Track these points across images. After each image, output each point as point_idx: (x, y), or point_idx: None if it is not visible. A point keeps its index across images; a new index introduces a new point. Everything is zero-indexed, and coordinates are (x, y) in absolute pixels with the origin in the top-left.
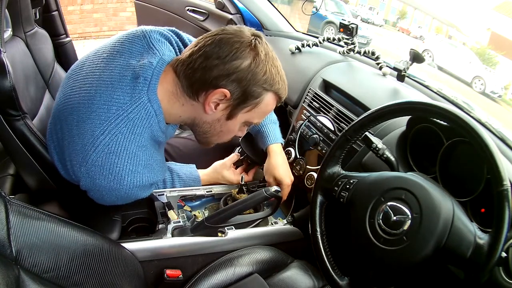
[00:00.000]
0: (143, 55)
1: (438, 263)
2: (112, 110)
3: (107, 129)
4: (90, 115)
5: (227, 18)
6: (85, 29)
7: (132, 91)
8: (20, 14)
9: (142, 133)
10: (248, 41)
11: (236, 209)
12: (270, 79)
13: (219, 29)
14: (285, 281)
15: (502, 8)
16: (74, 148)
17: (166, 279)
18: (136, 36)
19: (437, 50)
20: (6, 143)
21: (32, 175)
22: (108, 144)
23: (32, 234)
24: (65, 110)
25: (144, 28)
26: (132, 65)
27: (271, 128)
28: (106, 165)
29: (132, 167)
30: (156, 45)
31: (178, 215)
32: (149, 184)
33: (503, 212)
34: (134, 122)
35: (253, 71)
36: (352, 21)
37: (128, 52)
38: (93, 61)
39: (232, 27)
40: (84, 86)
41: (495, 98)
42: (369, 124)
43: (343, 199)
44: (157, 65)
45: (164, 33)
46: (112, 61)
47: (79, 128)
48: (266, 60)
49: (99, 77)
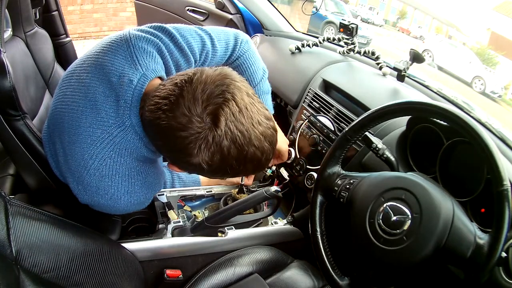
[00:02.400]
0: (125, 69)
1: (438, 263)
2: (97, 134)
3: (94, 153)
4: (78, 138)
5: (227, 18)
6: (85, 29)
7: (116, 114)
8: (20, 14)
9: (131, 155)
10: (198, 134)
11: (236, 209)
12: (229, 172)
13: (171, 98)
14: (285, 281)
15: (502, 8)
16: (69, 167)
17: (166, 279)
18: (119, 45)
19: (437, 50)
20: (6, 143)
21: (32, 175)
22: (99, 168)
23: (32, 234)
24: (57, 126)
25: (129, 34)
26: (113, 83)
27: (264, 99)
28: (101, 187)
29: (127, 188)
30: (139, 57)
31: (178, 215)
32: (148, 199)
33: (503, 212)
34: (120, 146)
35: (203, 170)
36: (352, 21)
37: (110, 65)
38: (80, 74)
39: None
40: (72, 104)
41: (495, 98)
42: (369, 124)
43: (343, 199)
44: (138, 83)
45: (151, 40)
46: (96, 77)
47: (70, 150)
48: (224, 153)
49: (85, 97)
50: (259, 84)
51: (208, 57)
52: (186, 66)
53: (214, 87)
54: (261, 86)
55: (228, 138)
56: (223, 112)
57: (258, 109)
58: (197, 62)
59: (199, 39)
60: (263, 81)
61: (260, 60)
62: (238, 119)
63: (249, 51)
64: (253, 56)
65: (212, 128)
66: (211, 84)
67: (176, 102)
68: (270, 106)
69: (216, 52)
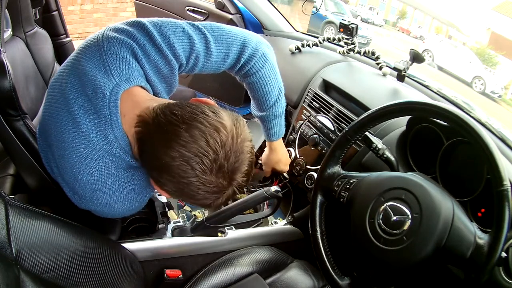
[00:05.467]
0: (97, 80)
1: (438, 263)
2: (80, 149)
3: (81, 168)
4: (65, 152)
5: (227, 18)
6: (85, 29)
7: (97, 128)
8: (20, 14)
9: (119, 167)
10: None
11: (236, 209)
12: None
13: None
14: (285, 281)
15: (502, 8)
16: (62, 179)
17: (166, 279)
18: (92, 51)
19: (437, 50)
20: (6, 143)
21: (32, 175)
22: (88, 182)
23: (32, 234)
24: (47, 137)
25: (103, 37)
26: (90, 96)
27: (275, 124)
28: (94, 198)
29: (120, 197)
30: (111, 65)
31: (178, 215)
32: (143, 204)
33: (503, 212)
34: (106, 160)
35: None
36: (352, 21)
37: (84, 76)
38: (62, 83)
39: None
40: (57, 116)
41: (495, 98)
42: (369, 124)
43: (343, 199)
44: (111, 95)
45: (125, 41)
46: (74, 89)
47: (60, 163)
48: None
49: (67, 110)
50: (272, 108)
51: (198, 62)
52: (168, 71)
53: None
54: (274, 110)
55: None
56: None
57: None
58: (184, 67)
59: (187, 39)
60: (277, 104)
61: (278, 77)
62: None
63: (264, 68)
64: (268, 74)
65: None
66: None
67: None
68: (282, 128)
69: (211, 57)
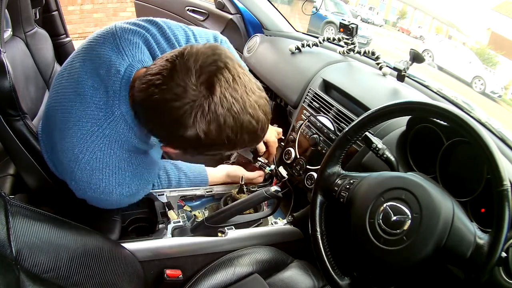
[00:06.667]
0: (112, 60)
1: (438, 263)
2: (86, 127)
3: (84, 146)
4: (68, 132)
5: (227, 18)
6: (85, 29)
7: (105, 106)
8: (20, 14)
9: (121, 146)
10: (193, 102)
11: (236, 209)
12: (226, 144)
13: (167, 68)
14: (285, 281)
15: (502, 8)
16: (62, 163)
17: (166, 279)
18: (106, 38)
19: (437, 50)
20: (6, 143)
21: (32, 175)
22: (89, 162)
23: (32, 234)
24: (50, 124)
25: (116, 26)
26: (102, 76)
27: None
28: (92, 181)
29: (118, 180)
30: (125, 48)
31: (178, 215)
32: (141, 190)
33: (503, 212)
34: (110, 138)
35: (199, 142)
36: (352, 21)
37: (98, 59)
38: (70, 71)
39: (182, 66)
40: (63, 100)
41: (495, 98)
42: (369, 124)
43: (343, 199)
44: (125, 73)
45: (138, 31)
46: (84, 71)
47: (61, 145)
48: (220, 121)
49: (74, 91)
50: None
51: None
52: None
53: (206, 57)
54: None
55: (224, 106)
56: (217, 79)
57: (249, 78)
58: None
59: (184, 33)
60: None
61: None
62: (232, 87)
63: (229, 48)
64: (232, 53)
65: (208, 95)
66: (202, 55)
67: (169, 74)
68: None
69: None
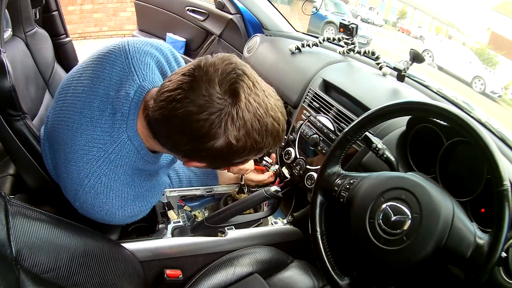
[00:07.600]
0: (122, 81)
1: (438, 263)
2: (93, 152)
3: (90, 171)
4: (74, 156)
5: (227, 18)
6: (85, 29)
7: (111, 129)
8: (20, 14)
9: (126, 172)
10: (221, 111)
11: (236, 209)
12: (255, 149)
13: (188, 80)
14: (285, 281)
15: (502, 8)
16: (65, 184)
17: (166, 279)
18: (117, 55)
19: (437, 50)
20: (6, 143)
21: (32, 175)
22: (94, 186)
23: (32, 234)
24: (54, 143)
25: (128, 44)
26: (111, 97)
27: None
28: (96, 204)
29: (121, 203)
30: (137, 68)
31: (178, 215)
32: (144, 211)
33: (503, 212)
34: (116, 163)
35: (230, 150)
36: (352, 21)
37: (108, 78)
38: (76, 87)
39: (202, 79)
40: (68, 119)
41: (495, 98)
42: (369, 124)
43: (343, 199)
44: (135, 95)
45: (151, 52)
46: (92, 91)
47: (66, 167)
48: (248, 127)
49: (81, 112)
50: None
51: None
52: None
53: (224, 66)
54: None
55: (250, 111)
56: (240, 86)
57: (265, 83)
58: None
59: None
60: None
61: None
62: (254, 92)
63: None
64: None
65: (234, 103)
66: (220, 64)
67: (190, 87)
68: None
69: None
